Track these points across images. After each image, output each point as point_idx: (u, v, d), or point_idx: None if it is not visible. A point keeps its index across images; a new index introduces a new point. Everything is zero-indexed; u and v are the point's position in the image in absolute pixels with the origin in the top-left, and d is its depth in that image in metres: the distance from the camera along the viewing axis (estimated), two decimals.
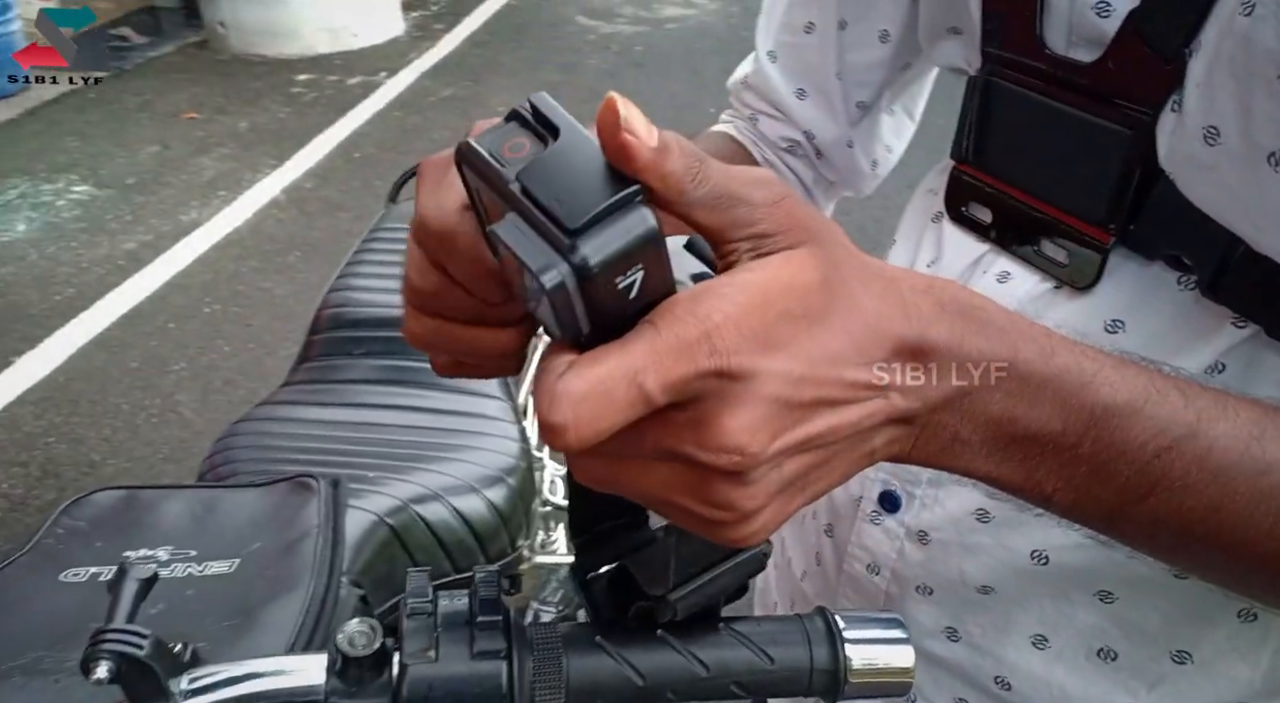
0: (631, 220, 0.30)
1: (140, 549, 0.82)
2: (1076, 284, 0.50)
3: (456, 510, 1.10)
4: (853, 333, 0.32)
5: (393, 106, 4.86)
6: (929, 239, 0.61)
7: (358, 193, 3.97)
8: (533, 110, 0.32)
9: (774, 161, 0.72)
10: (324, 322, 1.34)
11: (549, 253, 0.30)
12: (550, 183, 0.30)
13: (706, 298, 0.30)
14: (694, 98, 4.89)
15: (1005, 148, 0.55)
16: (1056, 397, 0.36)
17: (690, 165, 0.31)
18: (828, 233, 0.33)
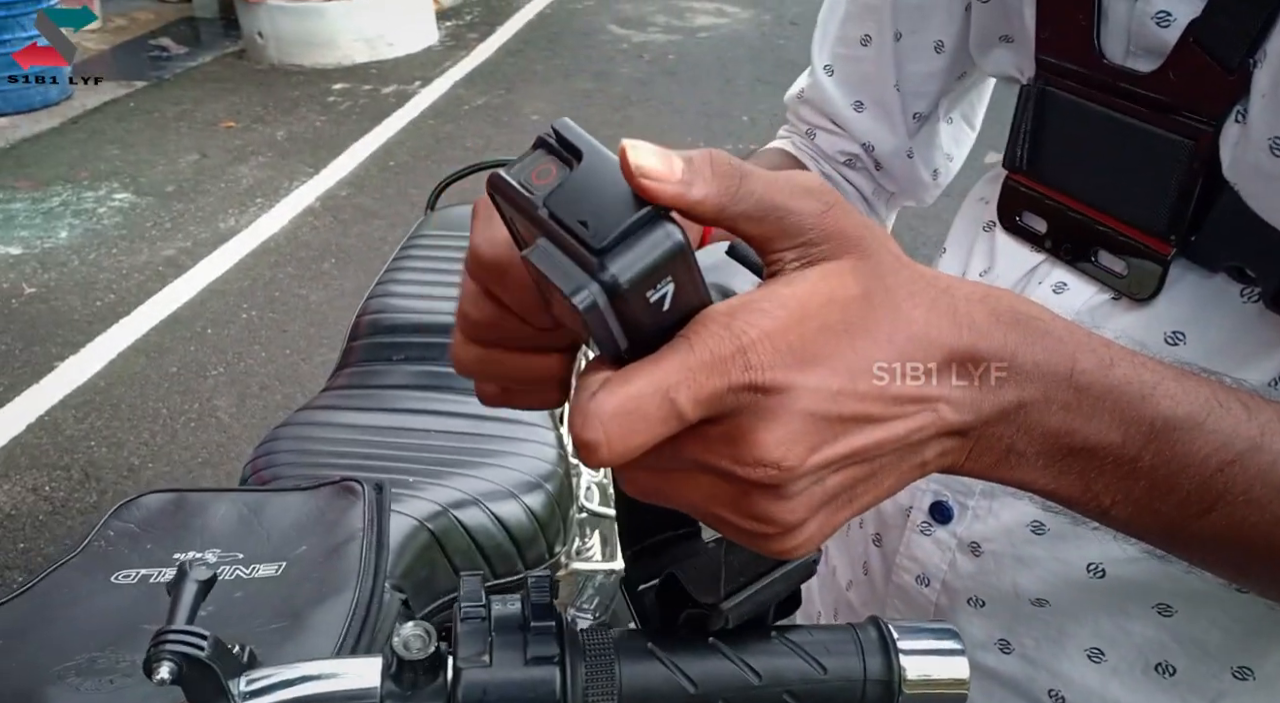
0: (657, 236, 0.30)
1: (189, 551, 0.83)
2: (1136, 296, 0.50)
3: (495, 516, 1.11)
4: (898, 344, 0.32)
5: (427, 115, 4.90)
6: (981, 248, 0.61)
7: (392, 200, 4.01)
8: (557, 136, 0.33)
9: (832, 176, 0.72)
10: (364, 328, 1.35)
11: (579, 274, 0.30)
12: (576, 205, 0.31)
13: (743, 312, 0.30)
14: (726, 106, 4.89)
15: (1061, 157, 0.55)
16: (1116, 409, 0.35)
17: (727, 184, 0.31)
18: (877, 242, 0.33)
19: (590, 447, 0.30)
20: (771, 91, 5.07)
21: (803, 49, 2.95)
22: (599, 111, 4.85)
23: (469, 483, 1.13)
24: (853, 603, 0.68)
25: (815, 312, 0.31)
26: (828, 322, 0.31)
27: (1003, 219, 0.59)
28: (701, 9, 6.59)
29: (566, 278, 0.30)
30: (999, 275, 0.58)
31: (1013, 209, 0.58)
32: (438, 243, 1.50)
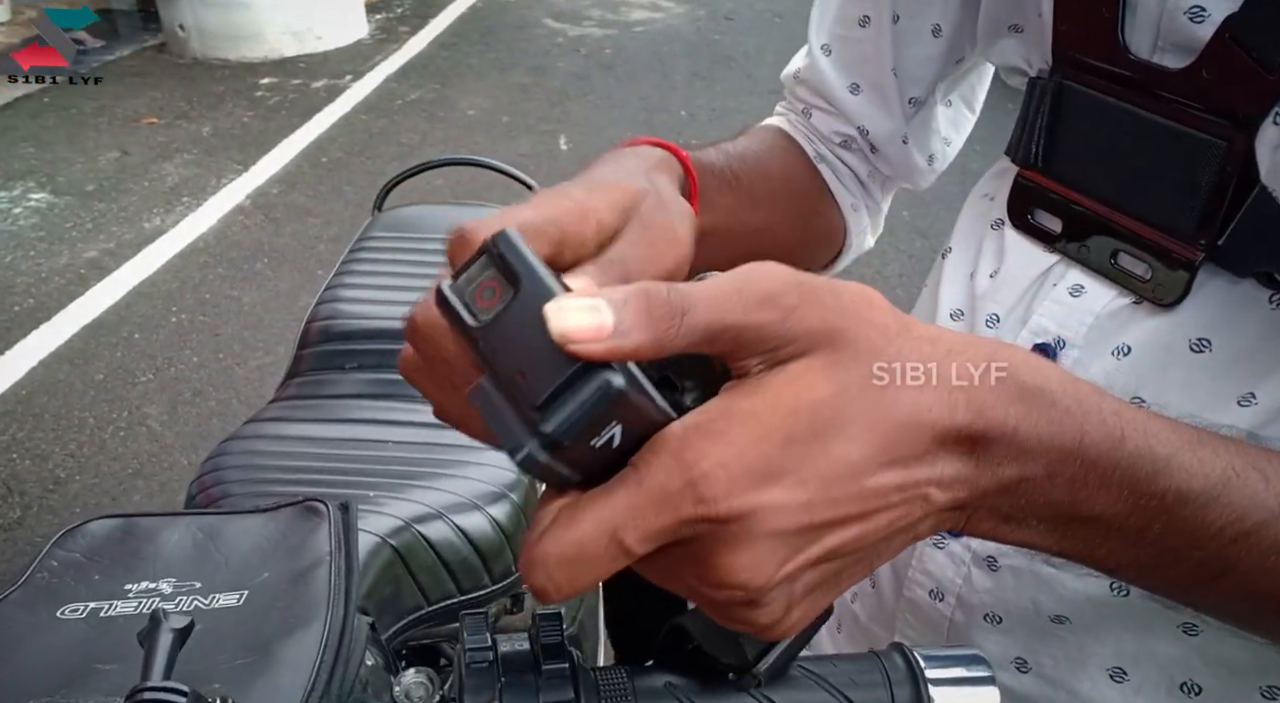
0: (595, 386, 0.28)
1: (141, 582, 0.78)
2: (1160, 300, 0.48)
3: (460, 529, 1.07)
4: (880, 435, 0.30)
5: (359, 110, 4.79)
6: (989, 247, 0.59)
7: (326, 198, 3.91)
8: (499, 254, 0.31)
9: (827, 156, 0.70)
10: (313, 335, 1.30)
11: (518, 428, 0.29)
12: (513, 350, 0.30)
13: (696, 438, 0.29)
14: (664, 101, 4.87)
15: (1079, 155, 0.53)
16: (1125, 483, 0.34)
17: (666, 325, 0.29)
18: (856, 326, 0.30)
19: (539, 590, 0.29)
20: (708, 86, 5.07)
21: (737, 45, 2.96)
22: (537, 106, 4.80)
23: (431, 496, 1.09)
24: (859, 617, 0.66)
25: (779, 424, 0.29)
26: (794, 432, 0.29)
27: (1013, 217, 0.57)
28: (637, 3, 6.56)
29: (504, 430, 0.30)
30: (1010, 276, 0.56)
31: (1024, 207, 0.56)
32: (387, 244, 1.45)
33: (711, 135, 4.46)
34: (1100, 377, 0.50)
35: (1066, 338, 0.51)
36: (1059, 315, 0.52)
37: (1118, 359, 0.49)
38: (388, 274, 1.37)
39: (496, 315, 0.30)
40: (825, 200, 0.70)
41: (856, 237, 0.73)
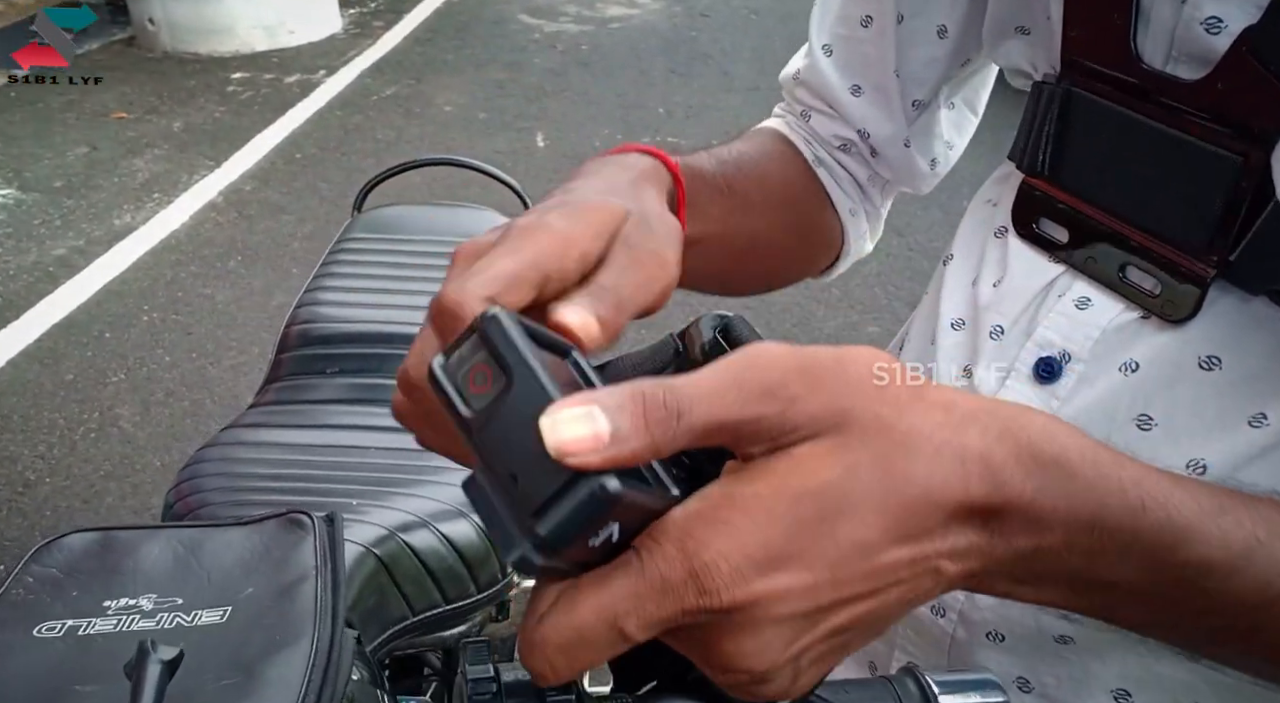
0: (591, 491, 0.28)
1: (121, 598, 0.76)
2: (1170, 316, 0.47)
3: (445, 537, 1.05)
4: (891, 514, 0.29)
5: (333, 106, 4.74)
6: (992, 256, 0.58)
7: (301, 195, 3.86)
8: (488, 340, 0.30)
9: (825, 160, 0.69)
10: (292, 339, 1.28)
11: (513, 530, 0.29)
12: (506, 447, 0.29)
13: (699, 526, 0.28)
14: (641, 97, 4.85)
15: (1087, 164, 0.52)
16: (1145, 553, 0.33)
17: (663, 428, 0.28)
18: (861, 405, 0.30)
19: (538, 674, 0.29)
20: (685, 83, 5.05)
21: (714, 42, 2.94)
22: (514, 103, 4.77)
23: (415, 503, 1.07)
24: None
25: (784, 511, 0.28)
26: (800, 518, 0.29)
27: (1017, 225, 0.56)
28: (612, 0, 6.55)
29: (499, 530, 0.29)
30: (1013, 286, 0.55)
31: (1029, 215, 0.55)
32: (368, 246, 1.42)
33: (689, 133, 4.46)
34: (1106, 392, 0.49)
35: (1072, 352, 0.50)
36: (1064, 328, 0.51)
37: (1125, 375, 0.48)
38: (369, 277, 1.35)
39: (489, 406, 0.29)
40: (823, 206, 0.69)
41: (855, 242, 0.72)
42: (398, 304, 1.30)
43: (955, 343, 0.56)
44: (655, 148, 0.51)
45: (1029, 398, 0.51)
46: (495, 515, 0.29)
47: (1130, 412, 0.48)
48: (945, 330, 0.57)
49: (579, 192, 0.44)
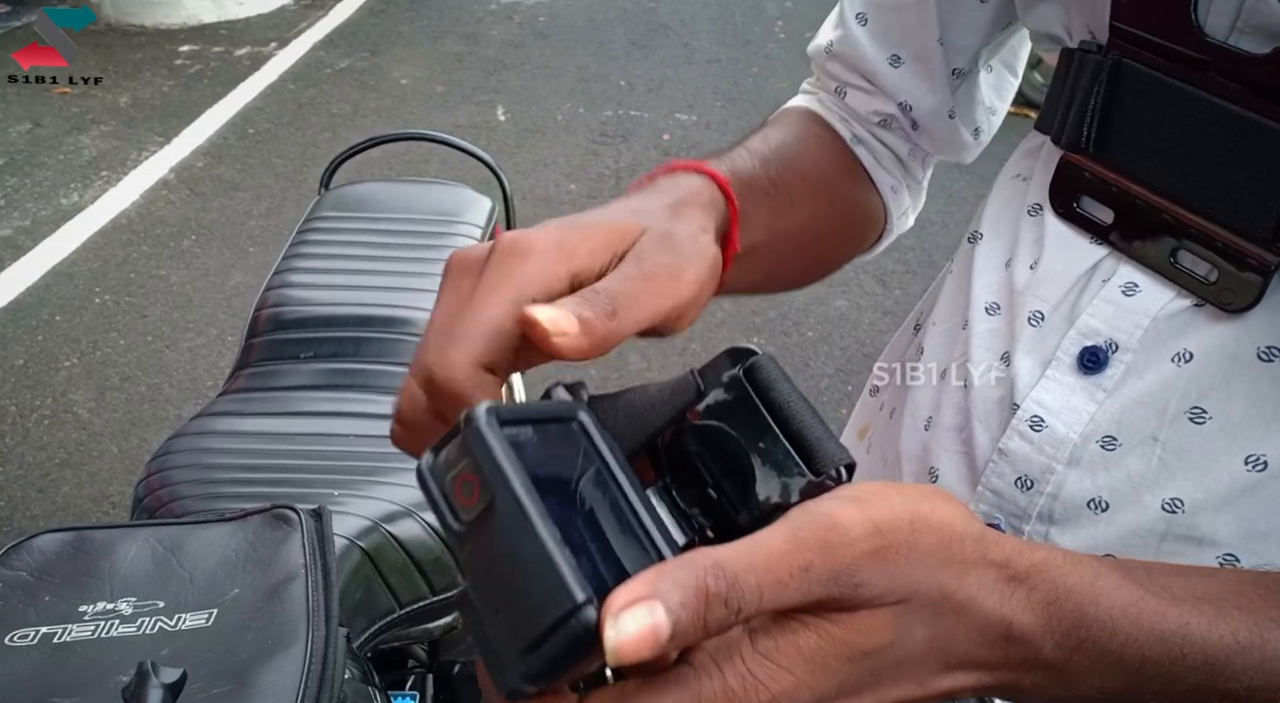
0: (578, 633, 0.26)
1: (98, 603, 0.72)
2: (1227, 305, 0.45)
3: (430, 526, 1.02)
4: (933, 670, 0.31)
5: (286, 79, 4.62)
6: (1027, 236, 0.54)
7: (255, 171, 3.76)
8: (470, 452, 0.28)
9: (865, 138, 0.65)
10: (263, 323, 1.23)
11: (504, 659, 0.28)
12: (492, 579, 0.28)
13: (759, 667, 0.28)
14: (602, 70, 4.79)
15: (1138, 142, 0.48)
16: (1183, 693, 0.35)
17: (720, 627, 0.27)
18: (926, 579, 0.30)
19: None
20: (646, 55, 4.99)
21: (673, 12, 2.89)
22: (472, 75, 4.68)
23: (399, 492, 1.03)
24: None
25: (839, 666, 0.29)
26: (852, 673, 0.30)
27: (1056, 204, 0.52)
28: None
29: (491, 658, 0.28)
30: (1052, 270, 0.52)
31: (1070, 193, 0.52)
32: (336, 225, 1.38)
33: (651, 105, 4.41)
34: (1156, 385, 0.46)
35: (1119, 341, 0.48)
36: (1110, 316, 0.48)
37: (1178, 365, 0.46)
38: (340, 257, 1.31)
39: (474, 524, 0.28)
40: (864, 188, 0.66)
41: (898, 220, 0.69)
42: (373, 286, 1.25)
43: (990, 329, 0.53)
44: (704, 165, 0.48)
45: (1072, 388, 0.48)
46: (485, 640, 0.28)
47: (1182, 405, 0.45)
48: (979, 315, 0.54)
49: (599, 213, 0.42)
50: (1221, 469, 0.44)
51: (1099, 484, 0.47)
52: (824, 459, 0.32)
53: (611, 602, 0.26)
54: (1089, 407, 0.48)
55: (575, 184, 3.72)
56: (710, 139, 4.12)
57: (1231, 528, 0.44)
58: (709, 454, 0.34)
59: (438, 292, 0.38)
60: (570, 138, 4.08)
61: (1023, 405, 0.49)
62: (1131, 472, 0.46)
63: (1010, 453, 0.50)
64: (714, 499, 0.34)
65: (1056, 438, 0.48)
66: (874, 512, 0.30)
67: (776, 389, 0.33)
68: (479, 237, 1.36)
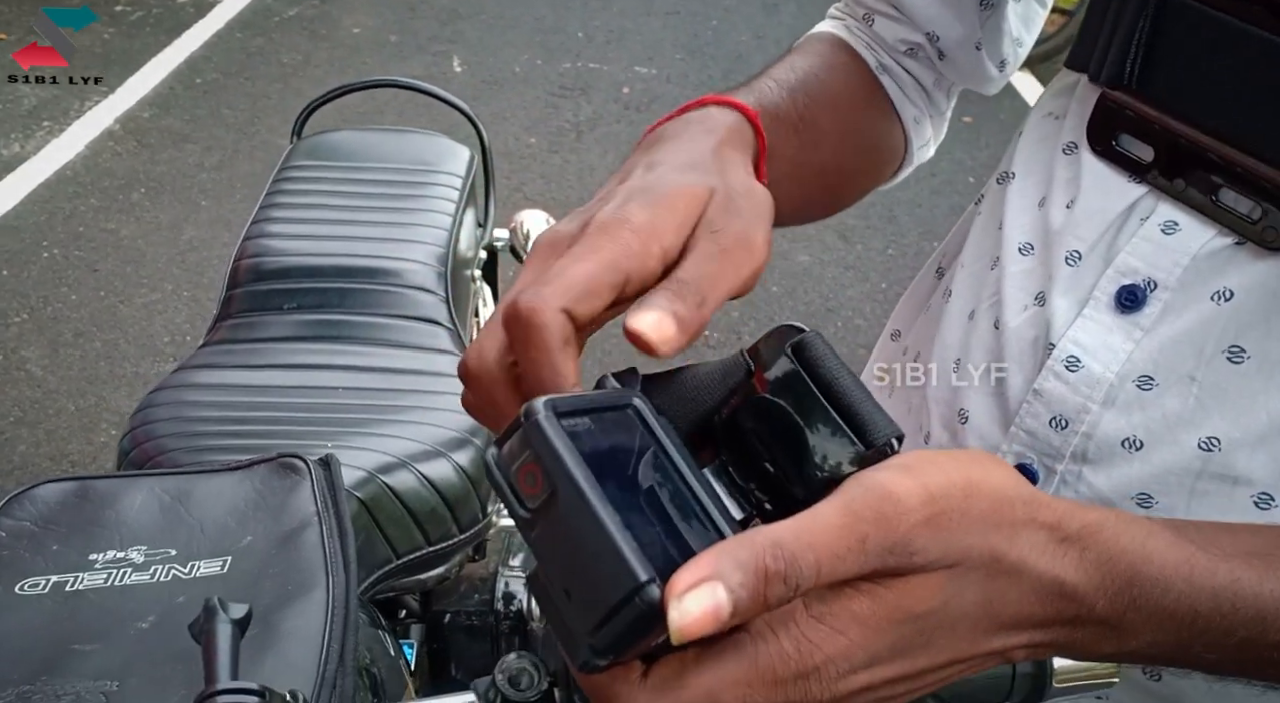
0: (641, 609, 0.28)
1: (107, 551, 0.71)
2: (1270, 244, 0.45)
3: (425, 478, 1.02)
4: (984, 629, 0.32)
5: (233, 28, 4.48)
6: (1062, 174, 0.54)
7: (205, 123, 3.66)
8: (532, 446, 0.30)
9: (890, 66, 0.65)
10: (243, 274, 1.21)
11: (575, 634, 0.29)
12: (558, 562, 0.29)
13: (813, 630, 0.29)
14: (559, 20, 4.71)
15: (1183, 78, 0.48)
16: (1234, 646, 0.36)
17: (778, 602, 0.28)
18: (978, 542, 0.31)
19: None
20: (604, 6, 4.92)
21: None
22: (426, 25, 4.58)
23: (392, 444, 1.03)
24: None
25: (892, 628, 0.30)
26: (904, 634, 0.30)
27: (1094, 142, 0.52)
28: None
29: (562, 632, 0.30)
30: (1089, 209, 0.52)
31: (1109, 131, 0.51)
32: (312, 174, 1.35)
33: (610, 57, 4.36)
34: (1195, 323, 0.47)
35: (1158, 280, 0.48)
36: (1149, 255, 0.49)
37: (1218, 304, 0.46)
38: (320, 207, 1.29)
39: (539, 511, 0.30)
40: (888, 118, 0.66)
41: (919, 150, 0.69)
42: (355, 236, 1.24)
43: (1025, 270, 0.54)
44: (734, 99, 0.49)
45: (1109, 327, 0.49)
46: (558, 618, 0.30)
47: (1220, 344, 0.46)
48: (1013, 256, 0.54)
49: (661, 170, 0.43)
50: (1259, 408, 0.45)
51: (1134, 423, 0.48)
52: (875, 431, 0.33)
53: (675, 583, 0.27)
54: (1126, 346, 0.48)
55: (535, 137, 3.68)
56: (671, 92, 4.09)
57: (1267, 467, 0.45)
58: (763, 430, 0.35)
59: (524, 267, 0.39)
60: (529, 90, 4.03)
61: (1059, 345, 0.50)
62: (1167, 410, 0.47)
63: (1045, 393, 0.50)
64: (770, 473, 0.35)
65: (1093, 377, 0.49)
66: (927, 480, 0.31)
67: (825, 365, 0.34)
68: (460, 187, 1.34)
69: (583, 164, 3.55)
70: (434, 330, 1.17)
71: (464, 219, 1.31)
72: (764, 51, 4.51)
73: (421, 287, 1.19)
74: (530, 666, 0.39)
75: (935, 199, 3.36)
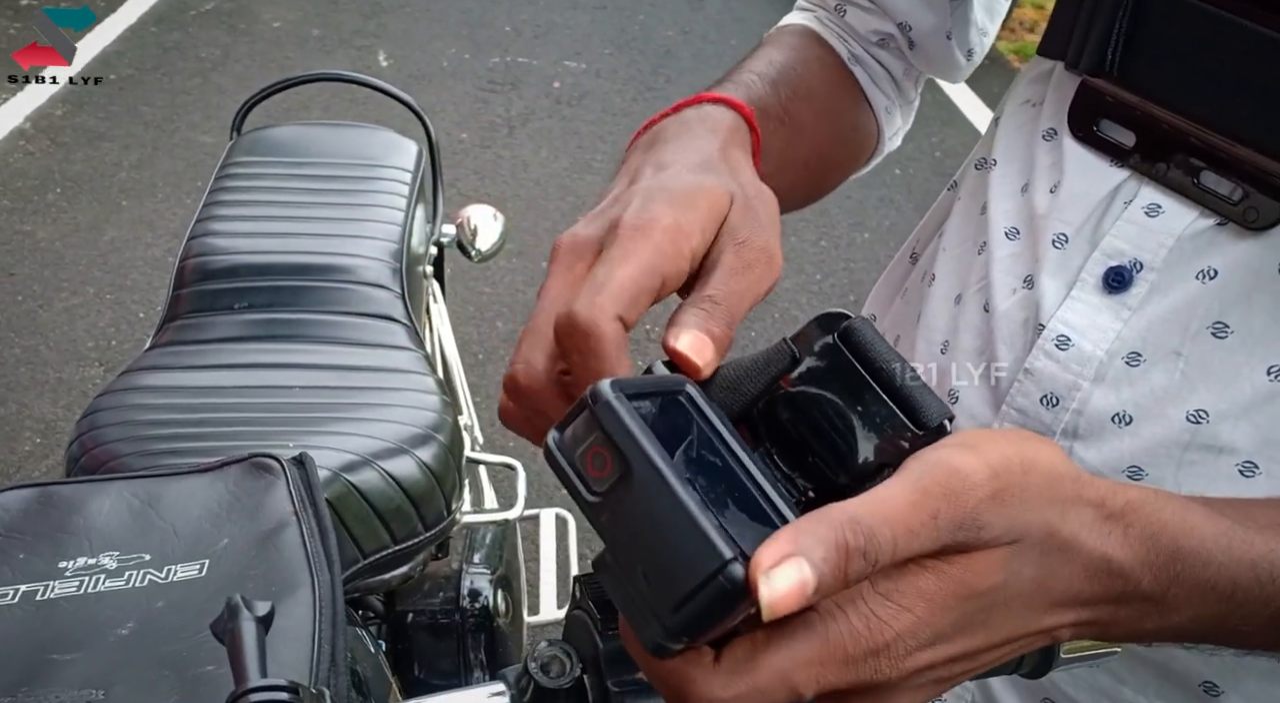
0: (727, 586, 0.28)
1: (78, 558, 0.69)
2: (1251, 224, 0.47)
3: (389, 476, 1.01)
4: (1038, 606, 0.33)
5: (146, 21, 4.34)
6: (1044, 160, 0.55)
7: (121, 120, 3.55)
8: (600, 423, 0.30)
9: (862, 57, 0.66)
10: (189, 274, 1.18)
11: (649, 617, 0.29)
12: (632, 541, 0.29)
13: (881, 608, 0.30)
14: (486, 14, 4.67)
15: (1163, 65, 0.50)
16: (1272, 615, 0.36)
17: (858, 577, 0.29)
18: (1035, 519, 0.32)
19: None
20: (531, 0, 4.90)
21: None
22: (350, 19, 4.50)
23: (355, 442, 1.02)
24: None
25: (956, 604, 0.31)
26: (966, 611, 0.31)
27: (1075, 128, 0.54)
28: None
29: (634, 617, 0.30)
30: (1073, 193, 0.53)
31: (1090, 117, 0.53)
32: (256, 170, 1.32)
33: (539, 52, 4.34)
34: (1181, 302, 0.48)
35: (1144, 260, 0.49)
36: (1134, 236, 0.50)
37: (1202, 283, 0.48)
38: (267, 203, 1.26)
39: (610, 493, 0.29)
40: (861, 108, 0.67)
41: (889, 140, 0.71)
42: (305, 232, 1.21)
43: (1012, 254, 0.55)
44: (731, 97, 0.49)
45: (1097, 307, 0.50)
46: (629, 601, 0.30)
47: (1205, 320, 0.48)
48: (999, 240, 0.56)
49: (674, 169, 0.43)
50: (1243, 380, 0.46)
51: (1123, 399, 0.49)
52: (929, 413, 0.33)
53: (760, 560, 0.27)
54: (1114, 325, 0.50)
55: (467, 132, 3.65)
56: (602, 87, 4.09)
57: (1251, 437, 0.46)
58: (808, 420, 0.35)
59: (548, 271, 0.39)
60: (458, 85, 3.99)
61: (1049, 325, 0.51)
62: (1155, 386, 0.48)
63: (1036, 372, 0.52)
64: (812, 464, 0.35)
65: (1083, 356, 0.50)
66: (989, 456, 0.31)
67: (874, 349, 0.34)
68: (410, 181, 1.33)
69: (516, 159, 3.52)
70: (390, 327, 1.16)
71: (415, 214, 1.30)
72: (691, 46, 4.54)
73: (376, 283, 1.18)
74: (562, 654, 0.39)
75: (865, 191, 3.42)
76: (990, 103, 4.08)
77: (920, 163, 3.67)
